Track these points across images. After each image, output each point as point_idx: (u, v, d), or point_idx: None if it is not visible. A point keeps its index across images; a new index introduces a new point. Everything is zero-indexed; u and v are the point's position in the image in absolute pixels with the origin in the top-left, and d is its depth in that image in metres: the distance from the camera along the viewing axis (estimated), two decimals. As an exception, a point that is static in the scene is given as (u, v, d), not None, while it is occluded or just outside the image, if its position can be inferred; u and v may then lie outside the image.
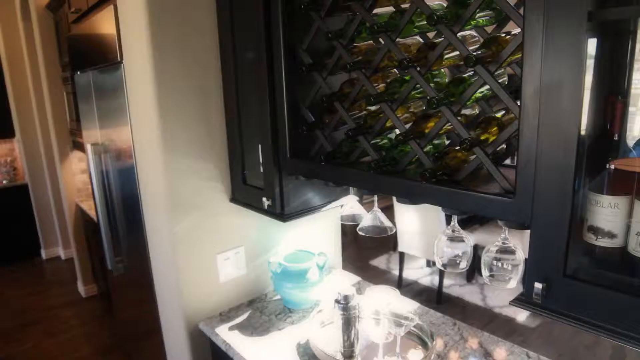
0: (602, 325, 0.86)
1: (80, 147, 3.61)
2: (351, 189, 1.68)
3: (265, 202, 1.64)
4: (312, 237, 2.19)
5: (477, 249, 3.96)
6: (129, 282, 2.70)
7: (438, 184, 1.11)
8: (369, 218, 1.55)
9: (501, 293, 3.89)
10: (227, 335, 1.76)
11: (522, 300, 0.98)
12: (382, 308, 1.57)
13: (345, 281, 2.16)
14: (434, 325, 1.76)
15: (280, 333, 1.77)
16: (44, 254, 5.04)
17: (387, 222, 1.54)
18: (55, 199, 4.44)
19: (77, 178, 3.96)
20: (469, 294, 4.08)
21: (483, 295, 4.04)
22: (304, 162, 1.51)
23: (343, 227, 2.35)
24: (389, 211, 4.22)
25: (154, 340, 2.33)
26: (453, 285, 4.24)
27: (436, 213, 3.51)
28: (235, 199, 1.88)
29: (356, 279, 2.19)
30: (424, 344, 1.61)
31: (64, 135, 3.81)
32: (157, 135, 1.71)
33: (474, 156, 1.05)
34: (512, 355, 1.57)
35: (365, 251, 5.12)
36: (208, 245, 1.87)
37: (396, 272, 4.39)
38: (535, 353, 1.58)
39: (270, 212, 1.67)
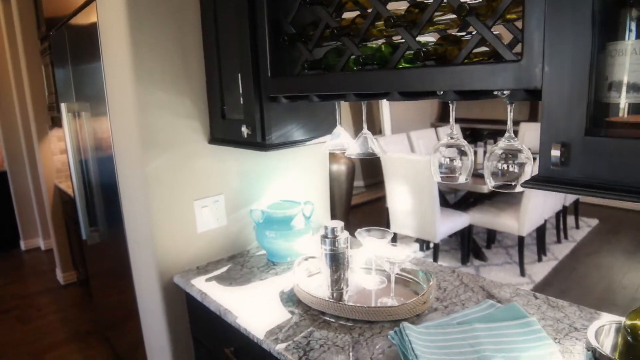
0: (633, 188, 0.72)
1: (58, 122, 3.45)
2: (338, 120, 1.54)
3: (245, 131, 1.50)
4: (298, 189, 2.04)
5: (471, 228, 3.83)
6: (105, 253, 2.53)
7: (437, 64, 0.97)
8: (358, 142, 1.41)
9: (497, 274, 3.74)
10: (203, 285, 1.60)
11: (536, 179, 0.84)
12: (375, 248, 1.42)
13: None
14: (431, 273, 1.61)
15: (262, 283, 1.61)
16: (23, 245, 4.84)
17: (377, 146, 1.39)
18: (34, 185, 4.25)
19: (57, 158, 3.79)
20: (465, 278, 3.92)
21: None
22: (286, 79, 1.37)
23: (332, 202, 2.21)
24: (380, 193, 4.09)
25: (133, 323, 2.18)
26: (448, 271, 4.08)
27: (430, 189, 3.37)
28: (214, 138, 1.73)
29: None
30: (421, 289, 1.46)
31: (42, 112, 3.65)
32: (129, 66, 1.56)
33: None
34: (517, 296, 1.43)
35: (355, 229, 4.95)
36: (184, 189, 1.71)
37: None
38: (542, 294, 1.44)
39: (251, 143, 1.52)
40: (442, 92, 1.00)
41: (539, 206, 3.60)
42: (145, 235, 1.72)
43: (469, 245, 3.95)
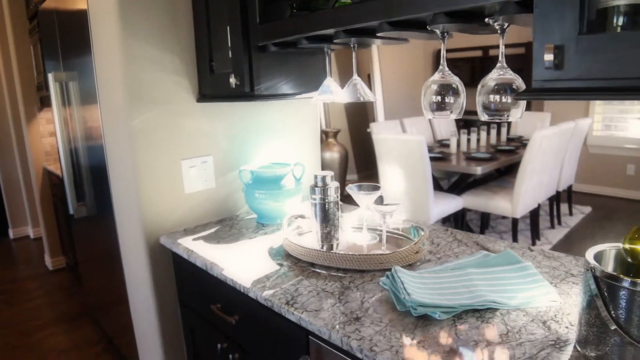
0: (630, 85, 0.69)
1: (48, 102, 3.40)
2: (328, 72, 1.51)
3: (233, 82, 1.46)
4: (289, 153, 2.00)
5: (464, 212, 3.81)
6: (93, 232, 2.49)
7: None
8: (348, 89, 1.37)
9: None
10: (190, 244, 1.56)
11: (531, 90, 0.81)
12: (367, 201, 1.39)
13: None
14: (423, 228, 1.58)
15: (251, 241, 1.57)
16: (11, 234, 4.76)
17: (367, 91, 1.36)
18: (23, 170, 4.17)
19: (46, 141, 3.73)
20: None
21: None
22: (275, 24, 1.34)
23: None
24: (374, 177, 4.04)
25: (123, 305, 2.14)
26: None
27: (423, 170, 3.34)
28: (202, 96, 1.70)
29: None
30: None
31: (31, 93, 3.59)
32: (115, 17, 1.52)
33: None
34: (512, 249, 1.40)
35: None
36: (172, 148, 1.67)
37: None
38: (538, 246, 1.41)
39: (239, 94, 1.49)
40: (432, 16, 0.98)
41: (533, 189, 3.58)
42: (132, 195, 1.68)
43: (462, 228, 3.91)
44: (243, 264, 1.37)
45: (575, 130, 3.93)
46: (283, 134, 1.97)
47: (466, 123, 5.65)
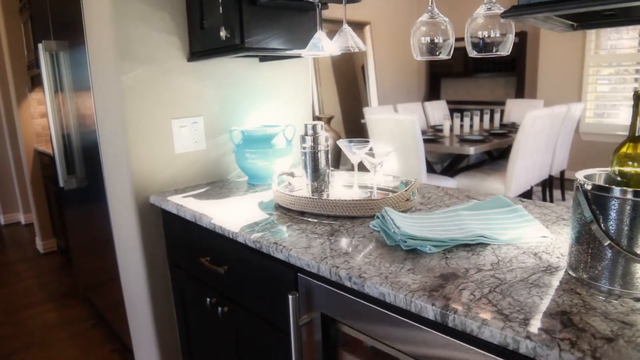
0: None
1: (38, 82, 3.37)
2: (318, 25, 1.50)
3: (224, 34, 1.44)
4: (280, 117, 1.99)
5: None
6: (83, 202, 2.46)
7: None
8: (338, 39, 1.36)
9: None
10: (179, 200, 1.55)
11: (517, 7, 0.81)
12: (358, 153, 1.38)
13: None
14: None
15: (241, 198, 1.56)
16: (2, 219, 4.72)
17: (358, 41, 1.35)
18: (14, 153, 4.13)
19: (36, 122, 3.70)
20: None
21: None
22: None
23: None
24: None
25: (114, 283, 2.13)
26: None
27: (416, 150, 3.33)
28: (193, 54, 1.68)
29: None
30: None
31: (21, 72, 3.55)
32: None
33: None
34: (502, 201, 1.39)
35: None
36: (162, 107, 1.66)
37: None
38: (528, 199, 1.40)
39: (229, 47, 1.47)
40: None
41: (525, 171, 3.58)
42: (122, 154, 1.66)
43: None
44: (232, 214, 1.35)
45: (567, 114, 3.94)
46: (274, 98, 1.96)
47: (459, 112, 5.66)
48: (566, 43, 5.39)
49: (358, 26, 5.86)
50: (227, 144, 1.83)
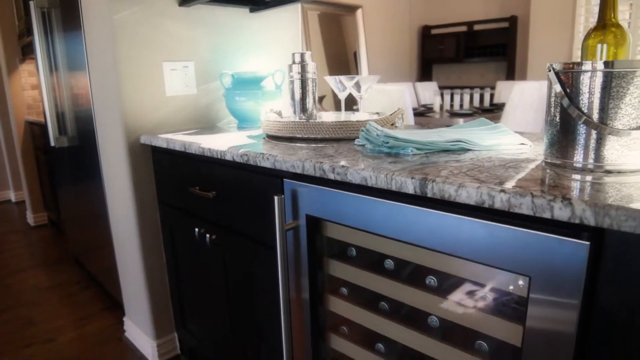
0: None
1: (29, 52, 3.37)
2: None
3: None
4: (271, 65, 2.01)
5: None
6: (74, 165, 2.47)
7: None
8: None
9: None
10: (169, 136, 1.56)
11: None
12: (344, 83, 1.40)
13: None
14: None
15: (230, 134, 1.58)
16: (-7, 197, 4.70)
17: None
18: (4, 127, 4.10)
19: (27, 94, 3.69)
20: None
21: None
22: None
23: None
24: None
25: (108, 249, 2.14)
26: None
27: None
28: (184, -2, 1.70)
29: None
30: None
31: (12, 43, 3.54)
32: None
33: None
34: (486, 132, 1.42)
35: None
36: (153, 48, 1.67)
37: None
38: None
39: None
40: None
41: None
42: (113, 93, 1.67)
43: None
44: (221, 142, 1.37)
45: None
46: (264, 51, 1.98)
47: (452, 96, 5.70)
48: (556, 27, 5.45)
49: (349, 9, 5.89)
50: (217, 91, 1.85)
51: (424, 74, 6.68)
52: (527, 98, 3.42)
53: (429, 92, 5.27)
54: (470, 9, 6.12)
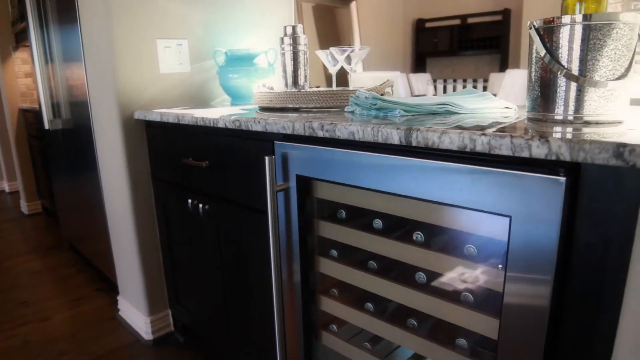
0: None
1: (23, 39, 3.37)
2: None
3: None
4: (264, 47, 2.03)
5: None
6: (68, 150, 2.48)
7: None
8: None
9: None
10: (163, 110, 1.58)
11: None
12: (336, 56, 1.43)
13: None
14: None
15: (223, 108, 1.60)
16: (-14, 188, 4.69)
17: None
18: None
19: (21, 82, 3.69)
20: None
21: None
22: None
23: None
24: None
25: (103, 234, 2.16)
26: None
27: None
28: (176, -27, 1.71)
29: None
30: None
31: (5, 30, 3.54)
32: None
33: None
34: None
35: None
36: (147, 24, 1.69)
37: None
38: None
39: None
40: None
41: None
42: (107, 68, 1.69)
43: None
44: (214, 113, 1.39)
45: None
46: (258, 29, 2.00)
47: (445, 89, 5.74)
48: (548, 19, 5.49)
49: (344, 2, 5.91)
50: (211, 70, 1.87)
51: (418, 67, 6.72)
52: (519, 84, 3.46)
53: (422, 82, 5.30)
54: (464, 2, 6.16)
